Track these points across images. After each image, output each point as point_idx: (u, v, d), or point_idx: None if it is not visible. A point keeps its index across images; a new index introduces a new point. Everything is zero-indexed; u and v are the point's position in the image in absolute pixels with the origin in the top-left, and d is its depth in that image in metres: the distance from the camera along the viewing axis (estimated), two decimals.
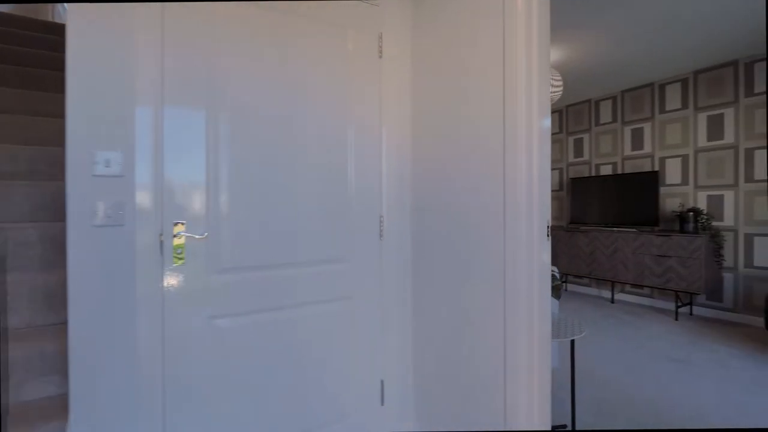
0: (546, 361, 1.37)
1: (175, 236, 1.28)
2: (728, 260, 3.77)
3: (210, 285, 1.34)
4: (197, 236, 1.30)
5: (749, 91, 3.63)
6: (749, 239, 3.65)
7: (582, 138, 5.10)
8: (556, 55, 3.59)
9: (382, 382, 1.69)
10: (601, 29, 3.17)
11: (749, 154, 3.64)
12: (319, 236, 1.55)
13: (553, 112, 5.45)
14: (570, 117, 5.24)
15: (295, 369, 1.50)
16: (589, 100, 5.01)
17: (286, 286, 1.48)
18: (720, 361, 2.77)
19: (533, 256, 1.32)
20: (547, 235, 1.33)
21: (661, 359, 2.83)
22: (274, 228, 1.46)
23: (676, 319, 3.80)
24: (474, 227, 1.46)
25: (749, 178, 3.64)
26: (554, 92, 3.52)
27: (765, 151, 3.55)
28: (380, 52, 1.68)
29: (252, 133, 1.43)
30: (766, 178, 3.53)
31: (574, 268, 4.67)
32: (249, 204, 1.42)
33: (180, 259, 1.28)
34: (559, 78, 3.46)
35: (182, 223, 1.29)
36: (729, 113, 3.77)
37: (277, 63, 1.48)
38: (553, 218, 5.49)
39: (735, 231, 3.74)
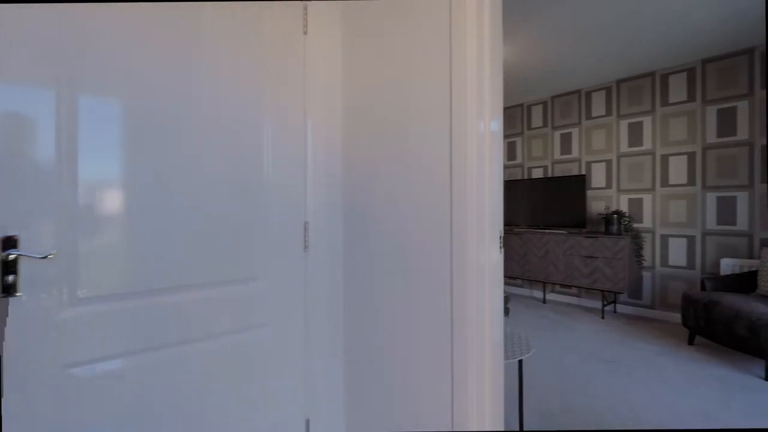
0: (499, 394, 1.19)
1: (5, 257, 0.91)
2: (647, 260, 3.99)
3: (62, 322, 0.98)
4: (41, 256, 0.93)
5: (665, 101, 3.86)
6: (665, 240, 3.89)
7: (515, 141, 5.19)
8: None
9: (307, 421, 1.41)
10: (534, 34, 3.16)
11: (664, 160, 3.87)
12: (225, 249, 1.23)
13: None
14: (504, 120, 5.31)
15: (191, 421, 1.18)
16: (521, 105, 5.10)
17: (177, 316, 1.15)
18: (646, 360, 2.85)
19: (485, 274, 1.13)
20: (500, 247, 1.15)
21: (593, 360, 2.86)
22: (161, 240, 1.12)
23: (603, 318, 3.94)
24: (417, 236, 1.24)
25: (664, 182, 3.88)
26: None
27: (680, 157, 3.79)
28: (305, 27, 1.40)
29: (131, 119, 1.09)
30: (682, 182, 3.78)
31: (509, 269, 4.71)
32: (123, 209, 1.07)
33: (12, 287, 0.91)
34: None
35: (16, 238, 0.92)
36: (647, 121, 3.99)
37: (168, 32, 1.14)
38: None
39: (652, 232, 3.96)
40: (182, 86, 1.16)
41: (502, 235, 1.15)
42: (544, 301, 4.64)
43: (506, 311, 1.61)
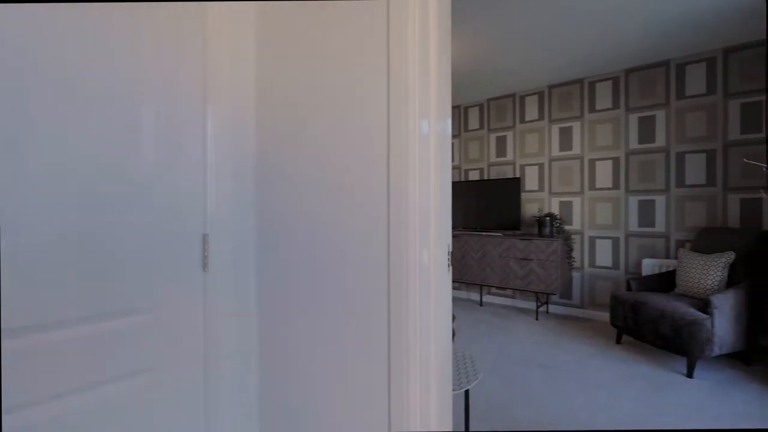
0: None
1: None
2: (577, 261, 4.12)
3: None
4: None
5: (592, 107, 4.01)
6: (592, 241, 4.03)
7: (453, 143, 5.15)
8: None
9: None
10: (471, 36, 3.09)
11: (592, 164, 4.02)
12: (92, 273, 0.90)
13: None
14: None
15: None
16: (459, 106, 5.08)
17: (21, 368, 0.80)
18: (580, 362, 2.87)
19: (430, 293, 0.92)
20: (448, 265, 0.95)
21: (533, 366, 2.82)
22: None
23: (537, 319, 4.00)
24: (349, 252, 1.00)
25: (592, 186, 4.02)
26: None
27: (605, 161, 3.95)
28: None
29: None
30: (607, 186, 3.94)
31: None
32: None
33: None
34: None
35: None
36: (576, 126, 4.12)
37: None
38: None
39: (581, 234, 4.10)
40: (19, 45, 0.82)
41: (451, 250, 0.96)
42: (481, 303, 4.64)
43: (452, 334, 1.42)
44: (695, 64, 3.45)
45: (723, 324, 2.56)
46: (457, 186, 4.87)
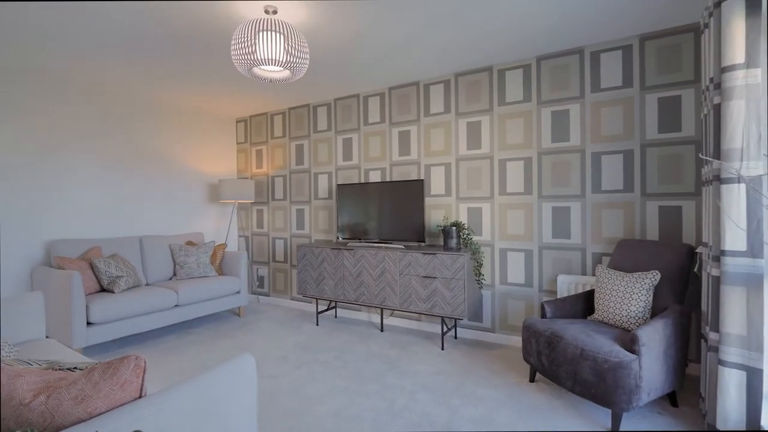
0: None
1: None
2: (486, 278, 3.54)
3: None
4: None
5: (502, 100, 3.46)
6: (503, 254, 3.47)
7: (351, 138, 4.37)
8: (303, 16, 2.56)
9: None
10: (372, 14, 2.31)
11: (503, 165, 3.47)
12: None
13: (320, 105, 4.57)
14: (339, 112, 4.45)
15: None
16: (357, 95, 4.30)
17: None
18: (488, 422, 2.20)
19: None
20: None
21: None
22: None
23: (443, 348, 3.34)
24: None
25: (503, 190, 3.46)
26: (301, 63, 2.49)
27: (517, 162, 3.41)
28: None
29: None
30: (519, 190, 3.40)
31: (341, 293, 3.83)
32: None
33: None
34: (307, 46, 2.45)
35: None
36: (485, 121, 3.55)
37: None
38: (322, 232, 4.60)
39: (492, 246, 3.53)
40: None
41: None
42: (382, 328, 3.89)
43: None
44: (610, 52, 3.02)
45: (651, 364, 2.04)
46: (355, 188, 4.09)
